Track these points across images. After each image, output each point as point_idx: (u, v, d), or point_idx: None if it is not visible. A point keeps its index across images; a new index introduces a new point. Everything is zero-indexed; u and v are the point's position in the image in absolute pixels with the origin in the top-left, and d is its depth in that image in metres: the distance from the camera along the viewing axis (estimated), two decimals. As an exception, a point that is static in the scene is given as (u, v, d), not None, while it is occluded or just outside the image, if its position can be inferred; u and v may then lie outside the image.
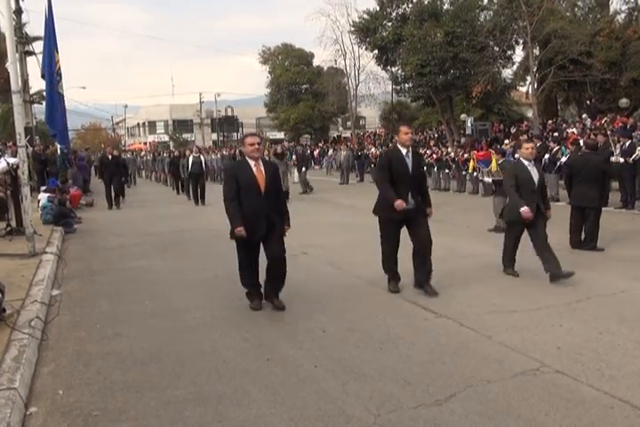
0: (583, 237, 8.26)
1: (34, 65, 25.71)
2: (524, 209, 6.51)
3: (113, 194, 16.46)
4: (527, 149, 6.82)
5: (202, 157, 17.87)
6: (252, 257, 5.70)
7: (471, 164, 13.05)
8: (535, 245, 6.69)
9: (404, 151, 6.08)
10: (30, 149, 16.14)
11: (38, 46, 19.55)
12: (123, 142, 73.34)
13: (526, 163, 6.77)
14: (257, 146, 5.53)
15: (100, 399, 3.82)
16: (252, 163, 5.52)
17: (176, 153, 22.29)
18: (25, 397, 3.81)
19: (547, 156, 14.51)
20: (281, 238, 5.61)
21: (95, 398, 3.85)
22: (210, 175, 23.21)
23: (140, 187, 27.09)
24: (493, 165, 10.28)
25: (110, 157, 16.87)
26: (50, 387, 4.05)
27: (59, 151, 17.79)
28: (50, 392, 3.96)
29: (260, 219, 5.43)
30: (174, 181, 21.85)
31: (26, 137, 9.12)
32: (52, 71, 13.34)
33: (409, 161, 6.06)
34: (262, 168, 5.52)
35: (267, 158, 20.00)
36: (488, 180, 10.80)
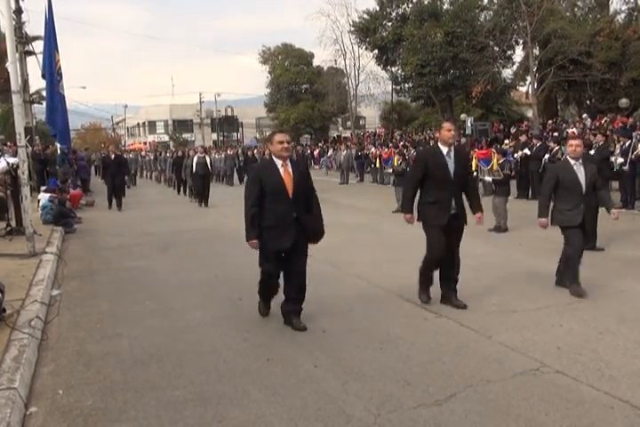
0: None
1: (34, 65, 25.66)
2: (541, 220, 6.04)
3: (114, 195, 16.19)
4: (571, 146, 6.12)
5: (207, 158, 17.29)
6: (278, 270, 5.10)
7: (473, 162, 13.06)
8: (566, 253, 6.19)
9: (444, 150, 5.46)
10: (30, 148, 16.13)
11: (38, 46, 19.57)
12: (123, 142, 73.34)
13: (572, 162, 6.07)
14: (286, 144, 4.95)
15: (100, 399, 3.82)
16: (279, 163, 4.97)
17: (179, 153, 21.75)
18: (25, 397, 3.81)
19: (547, 156, 14.51)
20: (307, 249, 5.12)
21: (95, 398, 3.85)
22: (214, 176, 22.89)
23: (141, 187, 26.66)
24: (494, 164, 10.25)
25: (113, 156, 16.59)
26: (50, 387, 4.05)
27: (59, 151, 17.80)
28: (50, 392, 3.96)
29: (287, 226, 4.89)
30: (177, 181, 21.31)
31: (26, 137, 9.13)
32: (52, 71, 13.32)
33: (450, 162, 5.42)
34: (290, 169, 4.96)
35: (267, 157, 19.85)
36: (488, 179, 10.76)
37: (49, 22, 13.03)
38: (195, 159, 16.67)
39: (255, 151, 28.60)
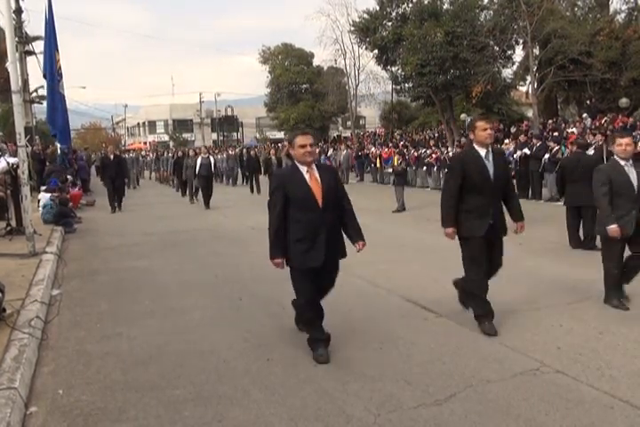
0: (583, 237, 8.26)
1: (34, 65, 25.63)
2: (612, 228, 5.22)
3: (115, 196, 15.78)
4: (620, 145, 5.37)
5: (211, 159, 16.72)
6: (313, 289, 4.46)
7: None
8: (629, 265, 5.49)
9: (482, 152, 4.85)
10: (30, 148, 16.13)
11: (38, 46, 19.57)
12: (123, 142, 73.33)
13: (623, 163, 5.36)
14: (309, 148, 4.32)
15: (100, 399, 3.82)
16: (303, 169, 4.38)
17: (179, 153, 21.32)
18: (25, 396, 3.82)
19: (547, 155, 14.52)
20: (338, 264, 4.61)
21: (95, 397, 3.85)
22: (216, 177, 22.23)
23: (142, 188, 26.10)
24: None
25: (112, 157, 16.04)
26: (50, 387, 4.06)
27: (59, 151, 17.81)
28: (50, 392, 3.97)
29: (318, 240, 4.32)
30: (179, 182, 20.67)
31: (26, 137, 9.13)
32: (52, 71, 13.34)
33: (489, 165, 4.84)
34: (317, 175, 4.37)
35: (272, 158, 19.04)
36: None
37: (49, 22, 13.05)
38: (198, 160, 16.15)
39: (256, 150, 28.23)
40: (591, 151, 13.00)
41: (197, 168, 15.94)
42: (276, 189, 4.41)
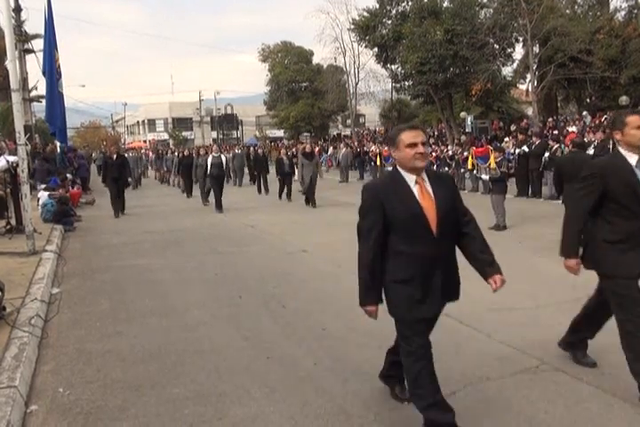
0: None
1: (33, 63, 25.56)
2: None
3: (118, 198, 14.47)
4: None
5: (223, 157, 15.51)
6: (427, 346, 3.27)
7: (470, 160, 13.06)
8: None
9: (632, 159, 3.52)
10: (29, 146, 16.11)
11: (38, 44, 19.55)
12: (122, 140, 73.27)
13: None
14: (422, 148, 3.06)
15: (101, 397, 3.83)
16: (410, 180, 3.12)
17: (185, 152, 20.09)
18: (25, 395, 3.82)
19: (546, 154, 14.50)
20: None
21: (95, 396, 3.85)
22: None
23: (144, 188, 24.37)
24: (492, 162, 10.21)
25: (115, 156, 14.59)
26: (50, 385, 4.06)
27: (58, 149, 17.81)
28: (50, 390, 3.97)
29: (432, 283, 3.14)
30: (184, 182, 19.45)
31: (25, 135, 9.12)
32: (52, 69, 13.33)
33: None
34: (429, 188, 3.12)
35: (284, 157, 16.72)
36: (485, 177, 10.70)
37: (48, 20, 13.03)
38: (209, 159, 14.93)
39: (263, 149, 26.09)
40: (591, 150, 13.01)
41: (208, 168, 14.81)
42: (370, 209, 3.17)
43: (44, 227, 10.76)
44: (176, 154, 24.16)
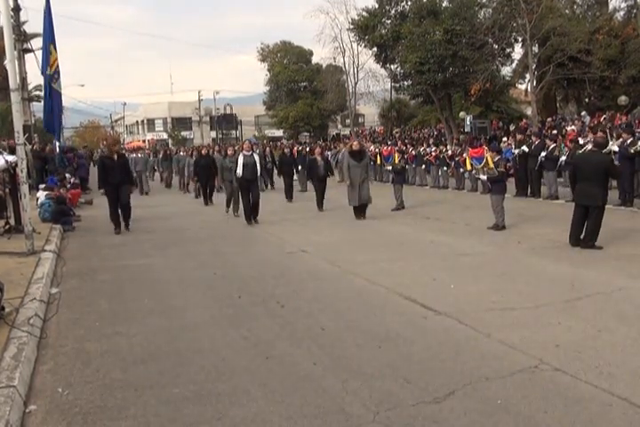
0: (583, 235, 8.24)
1: (32, 63, 25.41)
2: None
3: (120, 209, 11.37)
4: None
5: (256, 157, 12.25)
6: None
7: (467, 161, 13.02)
8: None
9: None
10: (29, 146, 16.09)
11: (37, 43, 19.52)
12: (122, 140, 73.24)
13: None
14: None
15: (100, 397, 3.82)
16: None
17: (203, 151, 17.46)
18: (24, 395, 3.82)
19: (543, 153, 14.47)
20: None
21: (94, 396, 3.85)
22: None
23: (153, 195, 20.32)
24: (488, 162, 10.17)
25: (116, 156, 11.44)
26: (49, 385, 4.06)
27: (57, 149, 17.79)
28: (49, 390, 3.97)
29: None
30: (201, 188, 16.66)
31: (24, 135, 9.12)
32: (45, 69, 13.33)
33: None
34: None
35: (318, 157, 14.70)
36: (483, 177, 10.68)
37: (47, 20, 13.02)
38: (240, 159, 11.94)
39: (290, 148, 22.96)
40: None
41: (240, 170, 11.85)
42: None
43: (43, 227, 10.75)
44: (183, 154, 21.45)
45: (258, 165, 12.08)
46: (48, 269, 7.31)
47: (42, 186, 13.98)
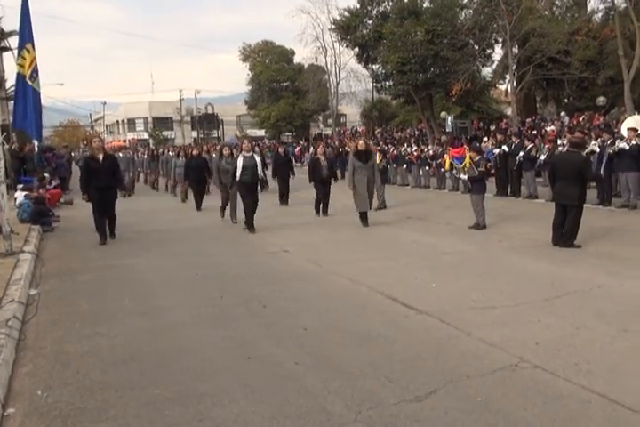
0: (564, 233, 8.32)
1: (10, 61, 25.02)
2: None
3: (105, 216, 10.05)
4: None
5: (257, 158, 11.01)
6: None
7: (447, 161, 13.07)
8: None
9: None
10: (7, 146, 15.87)
11: (14, 42, 19.24)
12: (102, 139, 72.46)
13: None
14: None
15: (79, 399, 3.78)
16: None
17: (194, 151, 16.15)
18: (2, 398, 3.77)
19: (521, 153, 14.60)
20: None
21: (74, 398, 3.81)
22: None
23: (138, 197, 19.06)
24: (467, 162, 10.24)
25: (102, 157, 9.97)
26: (28, 388, 4.01)
27: (36, 149, 17.56)
28: (28, 393, 3.92)
29: None
30: (193, 190, 15.10)
31: (2, 134, 8.99)
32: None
33: None
34: None
35: (321, 157, 12.85)
36: (464, 177, 10.75)
37: (24, 18, 12.84)
38: (240, 161, 10.73)
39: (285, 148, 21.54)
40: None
41: (239, 172, 10.65)
42: None
43: (21, 227, 10.61)
44: (172, 154, 20.04)
45: (259, 167, 10.85)
46: (27, 271, 7.22)
47: (20, 186, 13.79)
